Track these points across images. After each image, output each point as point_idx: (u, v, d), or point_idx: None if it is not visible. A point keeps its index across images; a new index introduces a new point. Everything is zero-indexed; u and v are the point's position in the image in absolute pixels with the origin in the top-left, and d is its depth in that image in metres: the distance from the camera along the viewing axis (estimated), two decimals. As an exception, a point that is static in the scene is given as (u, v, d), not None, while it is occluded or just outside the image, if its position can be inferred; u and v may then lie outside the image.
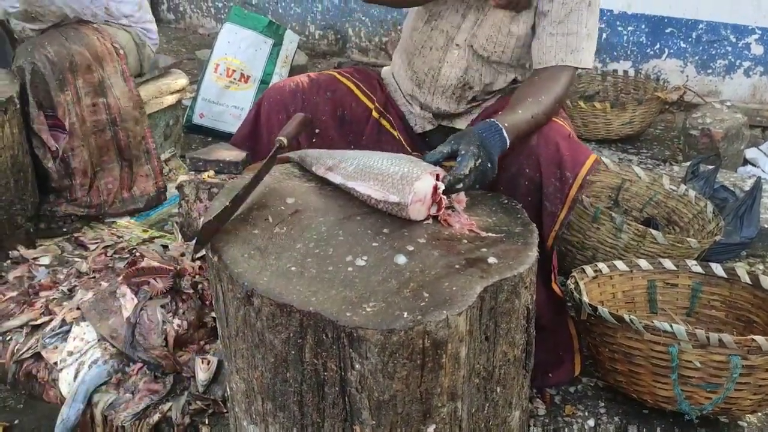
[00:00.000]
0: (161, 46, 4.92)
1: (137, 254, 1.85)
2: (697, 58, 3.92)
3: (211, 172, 1.86)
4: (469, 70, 1.78)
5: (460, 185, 1.38)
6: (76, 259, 2.07)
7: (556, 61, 1.64)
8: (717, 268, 1.83)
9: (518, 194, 1.57)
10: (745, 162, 3.34)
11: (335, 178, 1.49)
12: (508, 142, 1.46)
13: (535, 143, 1.56)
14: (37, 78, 2.23)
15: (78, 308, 1.74)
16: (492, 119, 1.48)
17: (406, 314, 1.12)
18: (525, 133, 1.54)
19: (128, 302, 1.65)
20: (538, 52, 1.68)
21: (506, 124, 1.47)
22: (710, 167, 2.65)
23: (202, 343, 1.67)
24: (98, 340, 1.66)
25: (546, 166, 1.55)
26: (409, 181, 1.35)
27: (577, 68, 1.66)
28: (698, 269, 1.85)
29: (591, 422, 1.67)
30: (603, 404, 1.73)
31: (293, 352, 1.19)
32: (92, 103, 2.32)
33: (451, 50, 1.77)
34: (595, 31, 1.68)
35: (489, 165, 1.41)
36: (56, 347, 1.68)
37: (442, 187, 1.37)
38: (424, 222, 1.39)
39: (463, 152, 1.39)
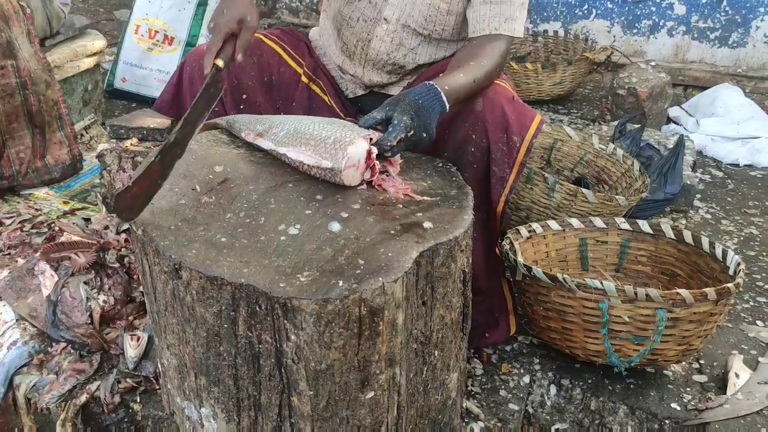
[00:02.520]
0: (75, 6, 4.64)
1: (56, 228, 1.74)
2: (623, 18, 3.99)
3: (135, 140, 1.77)
4: (401, 48, 1.72)
5: (388, 155, 1.36)
6: (-10, 236, 1.95)
7: (490, 29, 1.61)
8: (644, 225, 1.89)
9: (465, 161, 1.55)
10: (669, 120, 3.45)
11: (266, 144, 1.44)
12: (447, 106, 1.42)
13: (480, 109, 1.53)
14: None
15: (-7, 287, 1.64)
16: (431, 82, 1.43)
17: (341, 283, 1.10)
18: (466, 96, 1.51)
19: (48, 279, 1.56)
20: (472, 21, 1.64)
21: (446, 87, 1.43)
22: (636, 126, 2.72)
23: (130, 318, 1.61)
24: (17, 320, 1.57)
25: (493, 131, 1.53)
26: (342, 146, 1.31)
27: (511, 37, 1.63)
28: (626, 226, 1.91)
29: (526, 378, 1.71)
30: (537, 361, 1.78)
31: (226, 325, 1.16)
32: (0, 66, 2.14)
33: (380, 24, 1.70)
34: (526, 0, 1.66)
35: (424, 135, 1.37)
36: (-29, 330, 1.58)
37: (375, 151, 1.34)
38: (358, 187, 1.36)
39: (395, 122, 1.35)
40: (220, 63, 1.39)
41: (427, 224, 1.25)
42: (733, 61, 3.88)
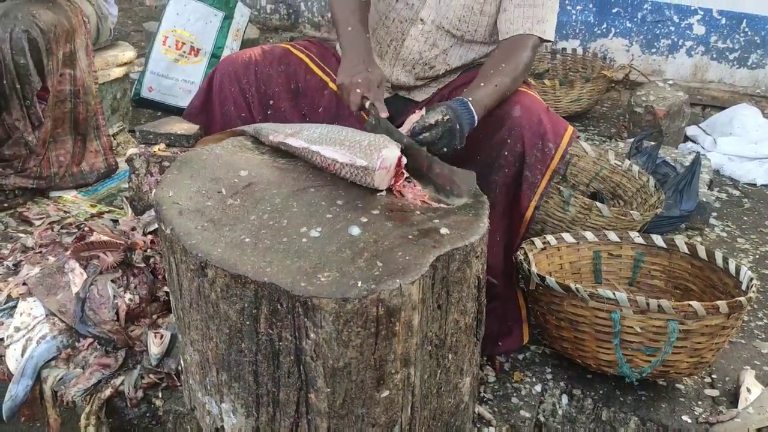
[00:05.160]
0: (106, 17, 4.76)
1: (86, 228, 1.81)
2: (641, 37, 4.03)
3: (162, 145, 1.83)
4: (434, 48, 1.78)
5: (427, 134, 1.42)
6: (21, 235, 2.02)
7: (524, 30, 1.66)
8: (657, 239, 1.91)
9: (497, 165, 1.61)
10: (686, 139, 3.46)
11: (297, 143, 1.48)
12: (475, 117, 1.49)
13: (518, 114, 1.59)
14: (32, 46, 2.13)
15: (24, 283, 1.70)
16: (459, 96, 1.51)
17: (360, 283, 1.14)
18: (493, 104, 1.56)
19: (77, 277, 1.62)
20: (504, 24, 1.69)
21: (470, 99, 1.50)
22: (653, 143, 2.75)
23: (154, 317, 1.66)
24: (46, 316, 1.63)
25: (529, 137, 1.59)
26: (377, 148, 1.37)
27: (541, 39, 1.67)
28: (640, 240, 1.93)
29: (538, 387, 1.74)
30: (550, 370, 1.80)
31: (248, 322, 1.20)
32: (60, 73, 2.25)
33: (416, 24, 1.76)
34: (557, 5, 1.70)
35: (457, 127, 1.44)
36: (2, 323, 1.64)
37: (405, 160, 1.39)
38: (378, 194, 1.41)
39: (431, 110, 1.44)
40: (384, 115, 1.49)
41: (444, 230, 1.29)
42: (752, 82, 3.89)
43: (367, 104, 1.51)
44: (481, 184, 1.54)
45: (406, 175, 1.41)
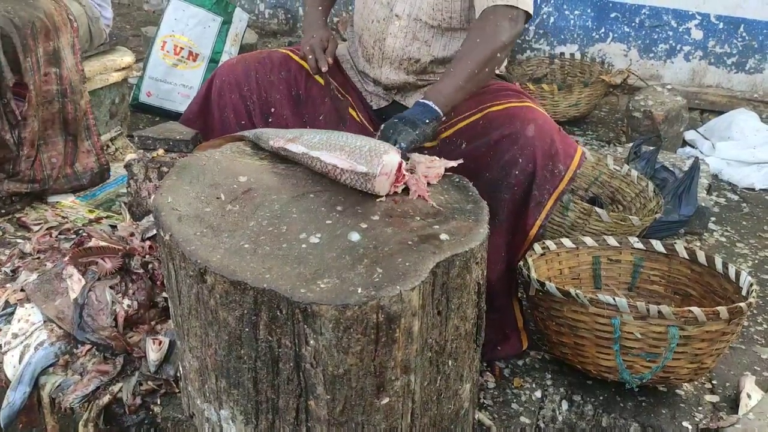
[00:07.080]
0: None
1: (84, 234, 1.80)
2: (639, 42, 4.03)
3: (161, 151, 1.83)
4: (415, 42, 1.76)
5: None
6: (19, 241, 2.01)
7: (493, 2, 1.59)
8: (657, 245, 1.91)
9: (507, 183, 1.61)
10: (684, 143, 3.47)
11: (297, 149, 1.48)
12: (431, 104, 1.51)
13: (531, 134, 1.59)
14: (5, 42, 2.11)
15: (22, 290, 1.69)
16: None
17: (360, 290, 1.14)
18: (458, 87, 1.55)
19: (75, 283, 1.61)
20: (477, 1, 1.65)
21: (423, 95, 1.54)
22: (651, 148, 2.75)
23: (153, 323, 1.65)
24: (44, 322, 1.62)
25: (541, 158, 1.60)
26: (377, 154, 1.37)
27: (514, 8, 1.59)
28: (640, 245, 1.93)
29: (538, 393, 1.73)
30: (549, 376, 1.80)
31: (247, 329, 1.20)
32: (45, 72, 2.22)
33: (393, 21, 1.75)
34: None
35: (395, 120, 1.49)
36: (0, 329, 1.63)
37: (406, 165, 1.39)
38: (378, 200, 1.40)
39: None
40: (324, 69, 1.76)
41: (443, 236, 1.29)
42: (750, 86, 3.90)
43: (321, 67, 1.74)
44: (489, 202, 1.54)
45: (407, 166, 1.41)
